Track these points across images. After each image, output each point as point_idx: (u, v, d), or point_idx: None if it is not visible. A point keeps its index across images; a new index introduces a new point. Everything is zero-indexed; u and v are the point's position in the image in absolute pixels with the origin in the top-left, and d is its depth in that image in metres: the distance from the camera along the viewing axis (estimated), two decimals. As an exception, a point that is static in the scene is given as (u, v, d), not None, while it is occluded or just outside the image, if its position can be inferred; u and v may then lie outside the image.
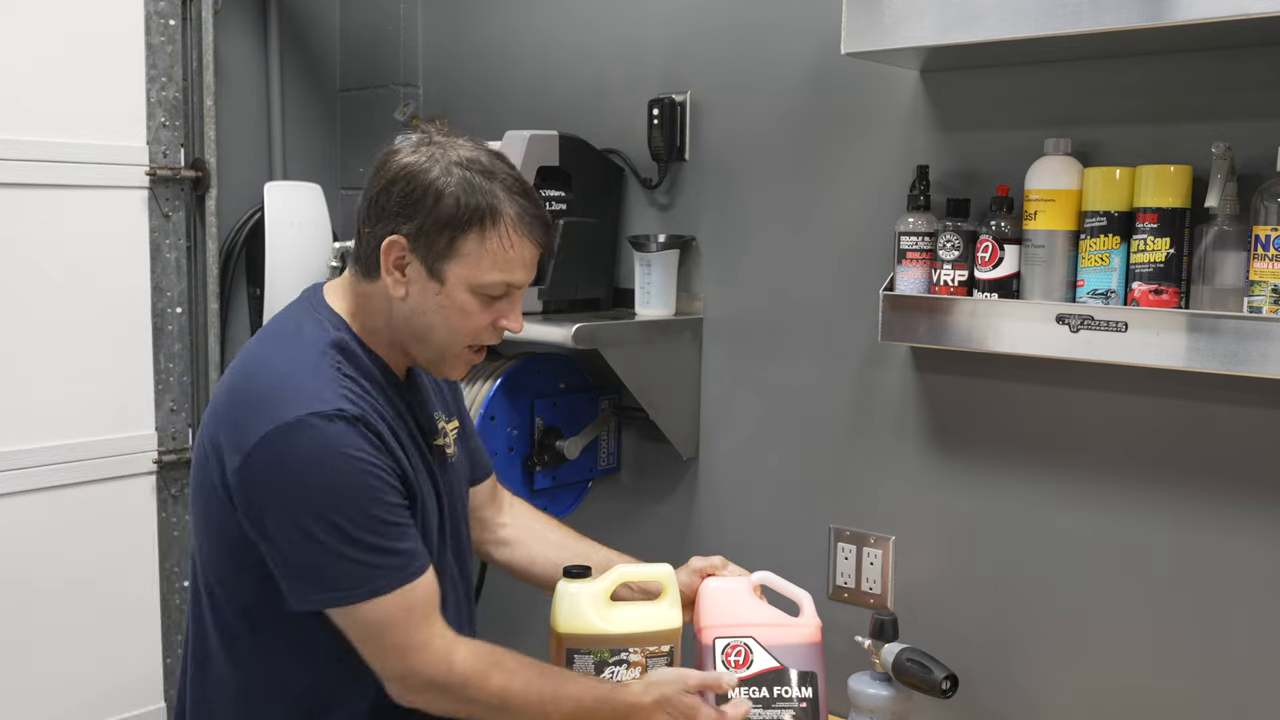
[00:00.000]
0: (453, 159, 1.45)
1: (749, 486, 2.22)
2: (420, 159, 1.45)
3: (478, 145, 1.50)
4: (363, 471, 1.40)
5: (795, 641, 1.66)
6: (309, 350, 1.47)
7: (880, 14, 1.70)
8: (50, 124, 2.30)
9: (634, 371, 2.16)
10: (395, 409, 1.51)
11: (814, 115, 2.08)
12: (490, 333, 1.51)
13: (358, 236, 1.51)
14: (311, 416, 1.38)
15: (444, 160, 1.45)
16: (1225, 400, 1.68)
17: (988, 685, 1.92)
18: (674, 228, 2.28)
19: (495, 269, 1.46)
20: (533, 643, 1.69)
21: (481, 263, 1.45)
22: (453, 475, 1.63)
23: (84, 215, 2.36)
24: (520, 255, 1.47)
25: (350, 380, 1.45)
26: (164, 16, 2.47)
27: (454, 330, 1.49)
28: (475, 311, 1.48)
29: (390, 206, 1.45)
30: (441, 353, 1.51)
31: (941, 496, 1.97)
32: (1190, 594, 1.74)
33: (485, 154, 1.48)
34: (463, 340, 1.50)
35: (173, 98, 2.50)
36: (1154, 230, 1.62)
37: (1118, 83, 1.75)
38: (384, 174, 1.47)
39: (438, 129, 1.51)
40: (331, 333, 1.50)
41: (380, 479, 1.41)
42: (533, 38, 2.50)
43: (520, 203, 1.46)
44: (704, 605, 1.70)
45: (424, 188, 1.44)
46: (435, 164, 1.45)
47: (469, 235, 1.44)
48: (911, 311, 1.83)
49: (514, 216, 1.45)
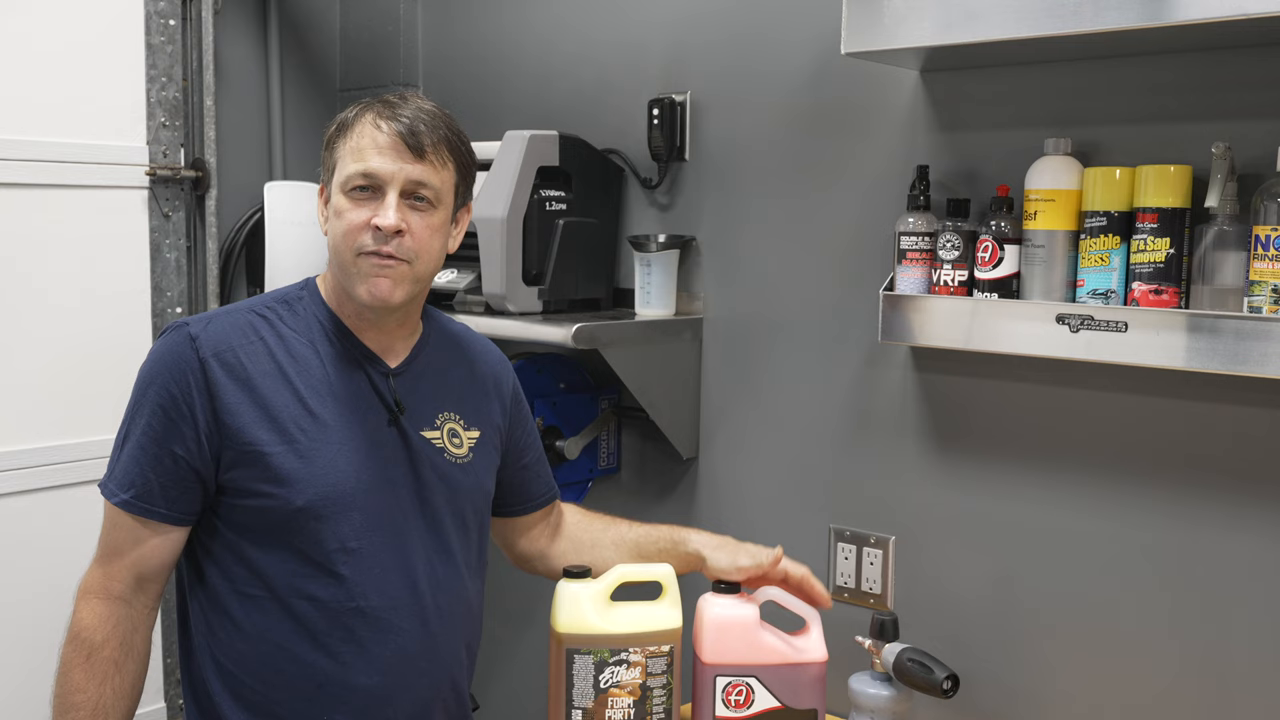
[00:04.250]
0: (366, 100, 1.56)
1: (749, 486, 2.22)
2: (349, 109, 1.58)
3: (407, 94, 1.59)
4: (150, 382, 1.50)
5: (799, 675, 1.67)
6: (254, 298, 1.63)
7: (880, 14, 1.71)
8: (50, 124, 2.30)
9: (634, 371, 2.16)
10: (333, 365, 1.56)
11: (814, 115, 2.08)
12: (368, 233, 1.51)
13: None
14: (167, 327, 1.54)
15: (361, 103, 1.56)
16: (1225, 400, 1.68)
17: (988, 685, 1.92)
18: (674, 228, 2.28)
19: (352, 160, 1.51)
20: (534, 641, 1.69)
21: (344, 161, 1.52)
22: (447, 470, 1.63)
23: (84, 215, 2.36)
24: (371, 142, 1.51)
25: (261, 319, 1.55)
26: (164, 16, 2.47)
27: (338, 236, 1.53)
28: (346, 210, 1.51)
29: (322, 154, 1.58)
30: (343, 267, 1.54)
31: (942, 496, 1.97)
32: (1190, 594, 1.74)
33: (399, 95, 1.57)
34: (349, 246, 1.52)
35: (173, 98, 2.50)
36: (1154, 230, 1.62)
37: (1118, 83, 1.75)
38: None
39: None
40: (294, 290, 1.60)
41: (166, 397, 1.49)
42: (533, 38, 2.50)
43: (380, 105, 1.54)
44: (706, 633, 1.70)
45: (331, 124, 1.57)
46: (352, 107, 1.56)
47: (337, 144, 1.54)
48: (911, 311, 1.83)
49: (370, 114, 1.53)
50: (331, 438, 1.53)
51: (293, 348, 1.54)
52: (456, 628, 1.64)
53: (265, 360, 1.52)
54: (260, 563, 1.51)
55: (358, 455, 1.54)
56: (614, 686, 1.67)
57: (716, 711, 1.69)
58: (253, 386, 1.50)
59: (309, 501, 1.49)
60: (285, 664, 1.52)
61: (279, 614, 1.51)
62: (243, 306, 1.58)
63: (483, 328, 2.21)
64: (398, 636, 1.55)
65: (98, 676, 1.50)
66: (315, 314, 1.58)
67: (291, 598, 1.51)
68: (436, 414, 1.64)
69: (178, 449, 1.48)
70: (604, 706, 1.66)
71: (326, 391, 1.54)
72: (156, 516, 1.50)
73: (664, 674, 1.68)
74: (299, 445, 1.50)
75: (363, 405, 1.56)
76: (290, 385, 1.52)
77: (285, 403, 1.51)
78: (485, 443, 1.70)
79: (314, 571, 1.51)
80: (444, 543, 1.62)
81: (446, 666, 1.62)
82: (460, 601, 1.64)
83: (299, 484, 1.49)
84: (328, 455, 1.52)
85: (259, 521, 1.50)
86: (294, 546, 1.50)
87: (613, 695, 1.67)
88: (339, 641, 1.52)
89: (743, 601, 1.73)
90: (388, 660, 1.55)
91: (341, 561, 1.51)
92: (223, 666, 1.54)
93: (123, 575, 1.51)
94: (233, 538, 1.52)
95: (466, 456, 1.65)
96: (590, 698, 1.66)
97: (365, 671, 1.53)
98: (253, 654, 1.53)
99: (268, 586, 1.51)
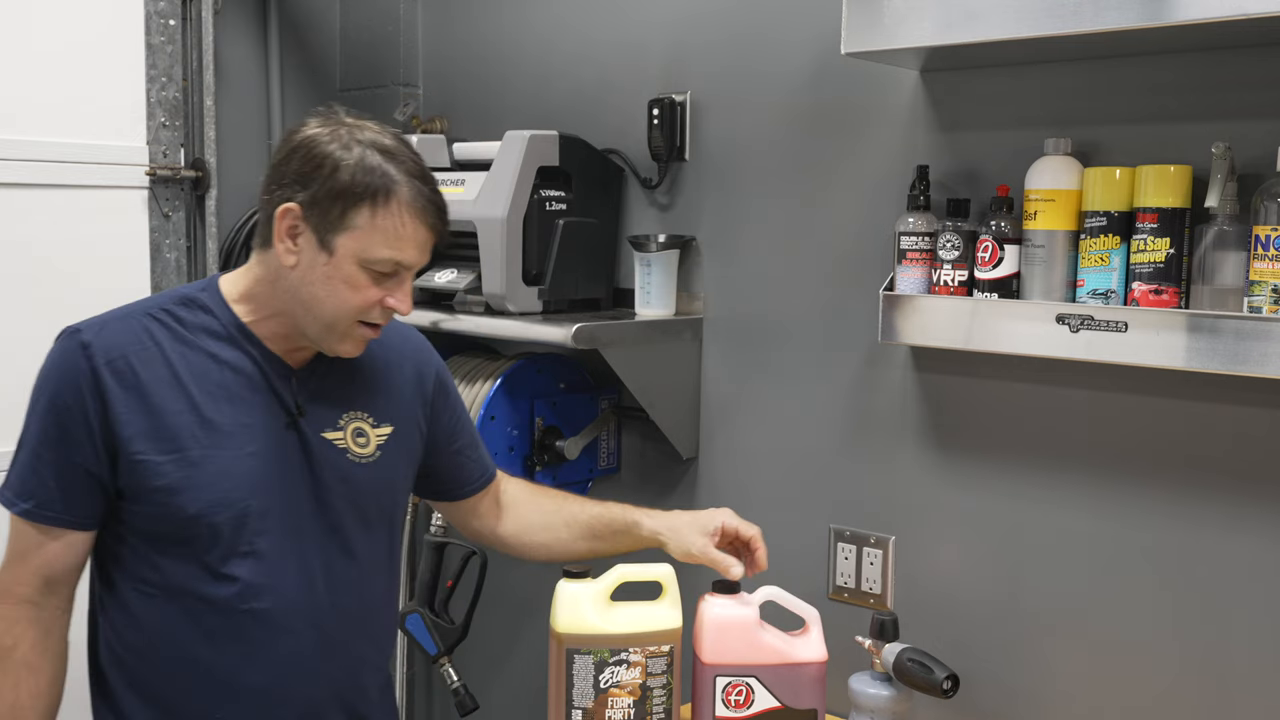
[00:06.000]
0: (357, 137, 1.49)
1: (749, 486, 2.22)
2: (324, 133, 1.49)
3: (384, 129, 1.52)
4: (43, 390, 1.51)
5: (798, 675, 1.67)
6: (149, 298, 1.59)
7: (880, 14, 1.71)
8: (50, 124, 2.30)
9: (634, 371, 2.16)
10: (232, 368, 1.53)
11: (814, 115, 2.08)
12: (378, 311, 1.52)
13: (259, 204, 1.54)
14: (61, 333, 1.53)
15: (347, 137, 1.48)
16: (1225, 400, 1.68)
17: (988, 685, 1.92)
18: (674, 228, 2.28)
19: (385, 246, 1.48)
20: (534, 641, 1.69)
21: (372, 238, 1.47)
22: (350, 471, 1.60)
23: (84, 215, 2.36)
24: (412, 235, 1.49)
25: (157, 321, 1.52)
26: (164, 16, 2.47)
27: (341, 303, 1.50)
28: (363, 286, 1.49)
29: (289, 174, 1.48)
30: (328, 326, 1.52)
31: (941, 496, 1.97)
32: (1190, 594, 1.74)
33: (390, 138, 1.51)
34: (350, 314, 1.51)
35: (173, 98, 2.50)
36: (1154, 230, 1.62)
37: (1118, 83, 1.75)
38: (288, 144, 1.51)
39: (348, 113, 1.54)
40: (192, 291, 1.57)
41: (60, 406, 1.48)
42: (533, 38, 2.50)
43: (416, 185, 1.49)
44: (706, 633, 1.70)
45: (322, 158, 1.47)
46: (338, 139, 1.48)
47: (361, 209, 1.46)
48: (912, 311, 1.83)
49: (408, 197, 1.48)
50: (226, 443, 1.51)
51: (189, 351, 1.52)
52: (360, 629, 1.63)
53: (159, 366, 1.50)
54: (159, 564, 1.51)
55: (253, 460, 1.52)
56: (614, 686, 1.67)
57: (716, 711, 1.69)
58: (145, 394, 1.49)
59: (201, 509, 1.49)
60: (179, 661, 1.53)
61: (175, 614, 1.52)
62: (138, 309, 1.55)
63: (483, 328, 2.22)
64: (292, 638, 1.55)
65: (11, 679, 1.50)
66: (217, 315, 1.55)
67: (187, 599, 1.51)
68: (341, 414, 1.61)
69: (75, 457, 1.48)
70: (604, 706, 1.66)
71: (223, 396, 1.52)
72: (58, 523, 1.50)
73: (664, 674, 1.68)
74: (191, 453, 1.49)
75: (261, 409, 1.54)
76: (185, 391, 1.50)
77: (179, 409, 1.50)
78: (399, 437, 1.67)
79: (209, 575, 1.51)
80: (346, 544, 1.60)
81: (347, 668, 1.62)
82: (364, 602, 1.63)
83: (191, 492, 1.49)
84: (222, 462, 1.51)
85: (155, 527, 1.51)
86: (190, 550, 1.50)
87: (613, 695, 1.67)
88: (231, 641, 1.52)
89: (743, 601, 1.73)
90: (280, 662, 1.55)
91: (236, 565, 1.51)
92: (121, 659, 1.55)
93: (29, 579, 1.51)
94: (133, 539, 1.52)
95: (373, 455, 1.63)
96: (590, 698, 1.66)
97: (257, 672, 1.54)
98: (149, 649, 1.54)
99: (165, 587, 1.51)
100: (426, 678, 2.84)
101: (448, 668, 2.24)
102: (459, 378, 2.34)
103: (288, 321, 1.54)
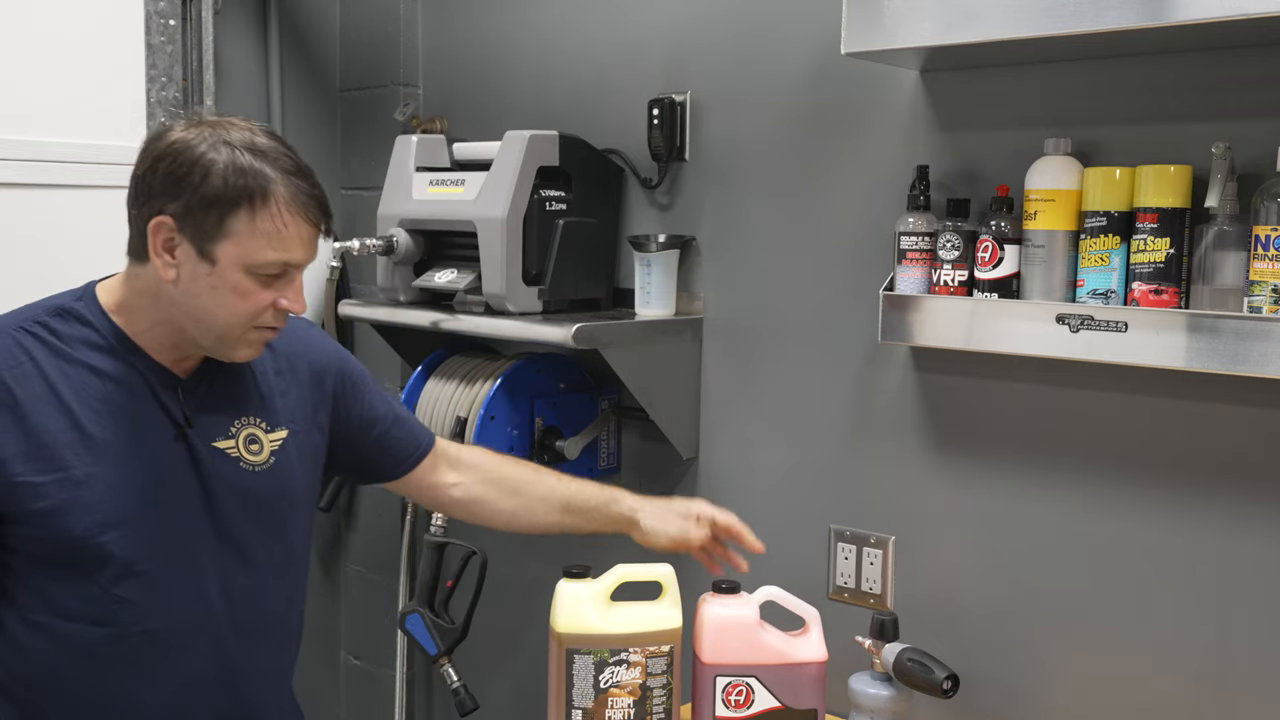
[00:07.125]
0: (224, 138, 1.41)
1: (749, 486, 2.22)
2: (189, 136, 1.41)
3: (253, 127, 1.45)
4: None
5: (798, 675, 1.68)
6: (22, 309, 1.50)
7: (880, 14, 1.71)
8: (50, 124, 2.30)
9: (634, 371, 2.16)
10: (114, 381, 1.47)
11: (814, 115, 2.08)
12: (271, 314, 1.47)
13: (128, 218, 1.47)
14: None
15: (213, 138, 1.41)
16: (1225, 400, 1.68)
17: (988, 685, 1.92)
18: (674, 228, 2.28)
19: (270, 248, 1.42)
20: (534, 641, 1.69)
21: (255, 242, 1.41)
22: (242, 480, 1.56)
23: (84, 215, 2.36)
24: (296, 234, 1.43)
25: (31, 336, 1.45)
26: (164, 16, 2.47)
27: (233, 312, 1.44)
28: (252, 292, 1.44)
29: (156, 185, 1.41)
30: (221, 335, 1.47)
31: (941, 496, 1.97)
32: (1190, 594, 1.74)
33: (262, 135, 1.44)
34: (242, 322, 1.46)
35: (173, 98, 2.50)
36: (1154, 230, 1.62)
37: (1118, 83, 1.75)
38: (151, 152, 1.43)
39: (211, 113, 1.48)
40: (66, 301, 1.50)
41: None
42: (533, 38, 2.50)
43: (293, 181, 1.43)
44: (706, 633, 1.70)
45: (190, 164, 1.39)
46: (204, 141, 1.41)
47: (238, 213, 1.40)
48: (911, 311, 1.83)
49: (286, 195, 1.42)
50: (110, 460, 1.45)
51: (68, 366, 1.45)
52: (262, 639, 1.60)
53: (37, 382, 1.43)
54: (45, 589, 1.46)
55: (139, 476, 1.47)
56: (614, 686, 1.67)
57: (716, 711, 1.70)
58: (21, 414, 1.42)
59: (87, 530, 1.43)
60: (75, 688, 1.48)
61: (66, 641, 1.46)
62: (10, 324, 1.48)
63: (482, 328, 2.22)
64: (190, 656, 1.51)
65: None
66: (96, 327, 1.48)
67: (77, 623, 1.46)
68: (232, 421, 1.56)
69: None
70: (604, 706, 1.67)
71: (105, 410, 1.46)
72: None
73: (664, 674, 1.68)
74: (73, 473, 1.43)
75: (146, 422, 1.48)
76: (64, 408, 1.44)
77: (59, 428, 1.43)
78: (296, 440, 1.62)
79: (99, 597, 1.45)
80: (244, 555, 1.56)
81: (252, 679, 1.59)
82: (264, 612, 1.60)
83: (74, 513, 1.42)
84: (106, 480, 1.45)
85: (40, 550, 1.44)
86: (77, 573, 1.45)
87: (613, 695, 1.67)
88: (128, 665, 1.48)
89: (742, 601, 1.73)
90: (179, 681, 1.51)
91: (127, 586, 1.46)
92: (10, 692, 1.49)
93: None
94: (16, 564, 1.46)
95: (267, 462, 1.57)
96: (590, 698, 1.66)
97: (157, 693, 1.50)
98: (40, 678, 1.48)
99: (53, 612, 1.46)
100: (426, 678, 2.84)
101: (448, 668, 2.24)
102: (459, 378, 2.34)
103: (174, 331, 1.48)
